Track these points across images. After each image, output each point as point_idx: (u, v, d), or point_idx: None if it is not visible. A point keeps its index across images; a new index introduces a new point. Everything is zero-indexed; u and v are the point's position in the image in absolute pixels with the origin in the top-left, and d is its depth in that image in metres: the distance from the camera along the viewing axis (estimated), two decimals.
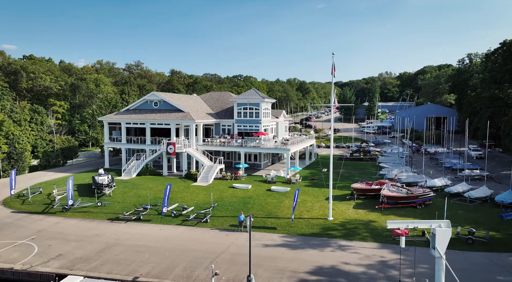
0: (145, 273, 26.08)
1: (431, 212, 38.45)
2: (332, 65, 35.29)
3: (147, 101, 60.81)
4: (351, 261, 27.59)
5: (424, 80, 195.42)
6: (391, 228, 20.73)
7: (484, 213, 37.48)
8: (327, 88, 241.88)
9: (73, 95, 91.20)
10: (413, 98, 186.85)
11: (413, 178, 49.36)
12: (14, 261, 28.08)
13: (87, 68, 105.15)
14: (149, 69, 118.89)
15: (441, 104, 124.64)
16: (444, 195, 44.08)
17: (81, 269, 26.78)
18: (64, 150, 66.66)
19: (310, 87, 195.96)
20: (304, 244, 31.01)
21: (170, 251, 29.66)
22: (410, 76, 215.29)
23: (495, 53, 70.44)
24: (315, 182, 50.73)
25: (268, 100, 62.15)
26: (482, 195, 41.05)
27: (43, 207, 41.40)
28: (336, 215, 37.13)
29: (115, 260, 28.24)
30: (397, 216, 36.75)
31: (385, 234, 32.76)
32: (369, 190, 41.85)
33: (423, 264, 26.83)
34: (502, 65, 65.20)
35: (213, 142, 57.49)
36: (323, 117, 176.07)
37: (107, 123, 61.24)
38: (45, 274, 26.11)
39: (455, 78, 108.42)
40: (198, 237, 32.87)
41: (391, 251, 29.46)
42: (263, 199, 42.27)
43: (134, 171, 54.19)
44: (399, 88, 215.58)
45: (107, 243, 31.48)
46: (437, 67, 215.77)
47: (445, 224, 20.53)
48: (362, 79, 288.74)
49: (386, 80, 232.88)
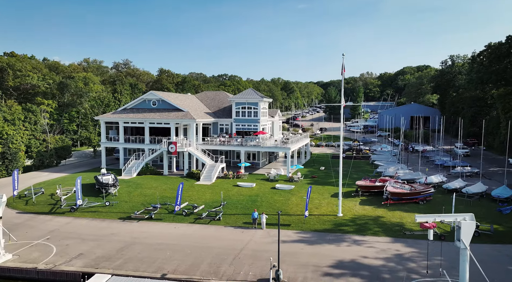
0: (172, 270, 26.44)
1: (433, 207, 40.27)
2: (342, 66, 36.50)
3: (145, 100, 60.51)
4: (369, 255, 28.75)
5: (404, 80, 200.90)
6: (420, 221, 21.98)
7: (483, 208, 39.49)
8: (310, 88, 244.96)
9: (61, 94, 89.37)
10: (394, 98, 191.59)
11: (410, 175, 51.25)
12: (35, 261, 27.86)
13: (74, 66, 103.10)
14: (137, 68, 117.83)
15: (424, 104, 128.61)
16: (442, 191, 46.16)
17: (106, 267, 26.89)
18: (58, 150, 65.48)
19: (294, 86, 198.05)
20: (320, 240, 32.02)
21: (191, 249, 30.06)
22: (390, 77, 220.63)
23: (480, 55, 73.52)
24: (316, 180, 51.93)
25: (266, 100, 62.99)
26: (479, 190, 43.19)
27: (49, 207, 40.88)
28: (344, 211, 38.33)
29: (137, 258, 28.44)
30: (403, 212, 38.31)
31: (395, 229, 34.17)
32: (373, 187, 43.32)
33: (437, 256, 28.25)
34: (488, 66, 68.17)
35: (213, 141, 57.84)
36: (308, 117, 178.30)
37: (104, 123, 60.64)
38: (71, 273, 26.10)
39: (438, 79, 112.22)
40: (215, 235, 33.37)
41: (404, 245, 30.83)
42: (270, 197, 43.06)
43: (135, 171, 53.93)
44: (380, 88, 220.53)
45: (125, 242, 31.57)
46: (416, 68, 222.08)
47: (470, 217, 21.96)
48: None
49: (367, 81, 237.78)
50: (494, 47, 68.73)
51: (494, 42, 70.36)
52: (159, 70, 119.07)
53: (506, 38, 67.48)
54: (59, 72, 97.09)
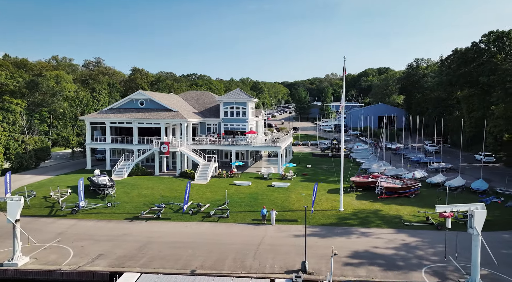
0: (199, 266, 27.11)
1: (422, 200, 43.47)
2: (343, 68, 38.63)
3: (132, 100, 59.77)
4: (379, 245, 30.90)
5: (367, 82, 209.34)
6: (439, 211, 24.30)
7: (466, 199, 42.89)
8: (276, 88, 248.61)
9: (31, 93, 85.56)
10: (358, 99, 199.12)
11: (394, 171, 54.55)
12: (55, 262, 27.47)
13: (43, 64, 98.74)
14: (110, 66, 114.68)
15: (390, 104, 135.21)
16: (426, 185, 49.69)
17: (132, 266, 27.07)
18: (37, 151, 63.12)
19: (263, 86, 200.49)
20: (329, 233, 33.83)
21: (209, 246, 30.77)
22: (353, 78, 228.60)
23: (448, 59, 78.98)
24: (308, 177, 53.91)
25: (254, 100, 64.25)
26: (459, 184, 47.00)
27: (47, 210, 39.82)
28: (344, 206, 40.40)
29: (160, 256, 28.78)
30: (397, 205, 41.09)
31: (395, 221, 36.72)
32: (366, 183, 45.91)
33: (439, 244, 30.90)
34: (456, 70, 73.48)
35: (203, 140, 58.29)
36: (278, 117, 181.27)
37: (89, 123, 59.28)
38: (98, 273, 26.06)
39: (404, 81, 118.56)
40: (227, 232, 34.23)
41: (408, 235, 33.33)
42: (269, 194, 44.41)
43: (126, 171, 53.26)
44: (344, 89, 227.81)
45: (141, 242, 31.69)
46: (377, 70, 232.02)
47: (481, 207, 24.53)
48: (306, 79, 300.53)
49: (332, 81, 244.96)
50: (461, 52, 74.18)
51: (460, 48, 75.98)
52: (132, 69, 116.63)
53: (472, 44, 73.13)
54: (28, 70, 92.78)
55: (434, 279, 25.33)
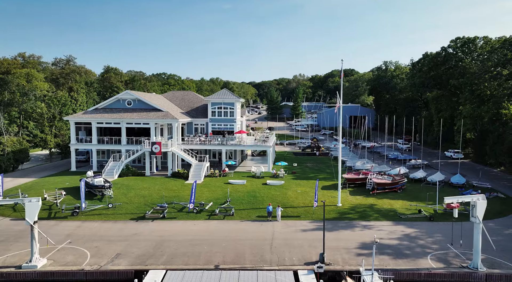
0: (221, 262, 27.98)
1: (410, 194, 46.51)
2: (341, 70, 40.72)
3: (119, 100, 58.97)
4: (383, 236, 33.08)
5: (334, 83, 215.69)
6: (447, 202, 26.68)
7: (449, 193, 46.26)
8: (245, 88, 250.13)
9: None
10: (326, 99, 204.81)
11: (378, 168, 57.55)
12: (75, 263, 27.33)
13: (9, 61, 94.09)
14: (82, 65, 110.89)
15: (360, 104, 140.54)
16: (409, 180, 52.98)
17: (154, 264, 27.48)
18: (16, 153, 60.70)
19: (233, 86, 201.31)
20: (334, 227, 35.67)
21: (224, 242, 31.65)
22: (320, 79, 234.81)
23: (419, 63, 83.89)
24: (298, 175, 55.72)
25: (241, 100, 65.28)
26: (440, 178, 50.56)
27: (45, 212, 38.84)
28: (341, 201, 42.50)
29: (179, 253, 29.33)
30: (389, 199, 43.76)
31: (391, 214, 39.23)
32: (358, 179, 48.35)
33: (436, 234, 33.63)
34: (427, 72, 78.31)
35: (193, 140, 58.61)
36: (250, 117, 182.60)
37: (74, 123, 57.84)
38: (122, 271, 26.27)
39: (374, 82, 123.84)
40: (236, 228, 35.19)
41: (406, 226, 35.85)
42: (267, 192, 45.71)
43: (116, 172, 52.61)
44: (311, 90, 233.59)
45: (155, 240, 32.01)
46: (344, 71, 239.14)
47: (482, 197, 27.17)
48: (273, 80, 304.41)
49: (300, 82, 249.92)
50: (431, 56, 79.11)
51: (431, 52, 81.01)
52: (105, 67, 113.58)
53: (441, 49, 78.18)
54: None
55: (440, 264, 27.75)
